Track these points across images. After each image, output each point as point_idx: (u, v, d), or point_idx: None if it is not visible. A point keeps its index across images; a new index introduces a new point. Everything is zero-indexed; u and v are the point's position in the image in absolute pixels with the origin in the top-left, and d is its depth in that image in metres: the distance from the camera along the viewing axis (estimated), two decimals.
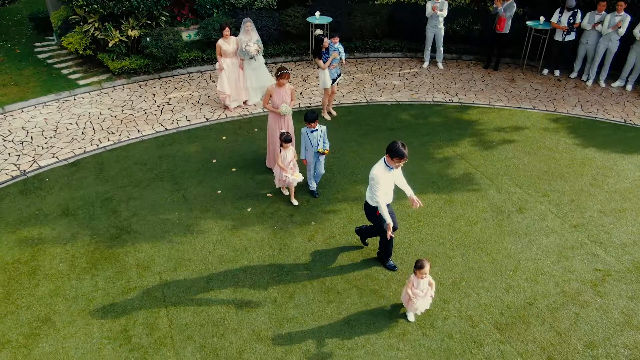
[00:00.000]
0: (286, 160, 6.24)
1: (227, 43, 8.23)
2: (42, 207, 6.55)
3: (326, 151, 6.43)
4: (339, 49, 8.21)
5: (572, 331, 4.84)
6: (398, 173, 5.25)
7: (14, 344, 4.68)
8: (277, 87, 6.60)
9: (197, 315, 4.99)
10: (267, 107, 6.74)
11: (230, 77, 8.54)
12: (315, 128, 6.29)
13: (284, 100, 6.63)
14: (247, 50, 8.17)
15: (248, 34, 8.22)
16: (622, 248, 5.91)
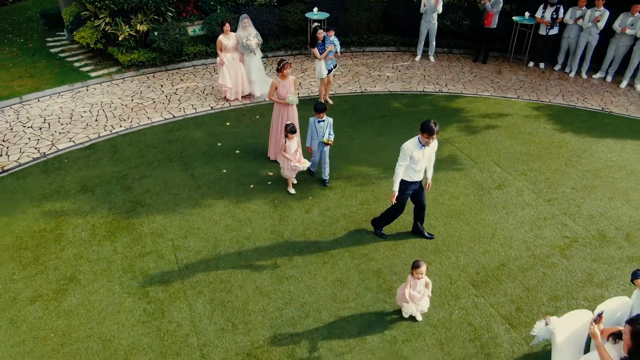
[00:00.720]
0: (291, 150, 6.60)
1: (227, 38, 8.78)
2: (63, 185, 7.16)
3: (330, 142, 6.75)
4: (334, 41, 8.81)
5: (539, 287, 5.46)
6: (429, 154, 5.59)
7: (45, 297, 5.30)
8: (282, 79, 6.98)
9: (206, 274, 5.61)
10: (273, 99, 7.10)
11: (231, 71, 9.02)
12: (322, 119, 6.66)
13: (289, 91, 7.00)
14: (248, 45, 8.70)
15: (246, 30, 8.71)
16: (589, 219, 6.54)
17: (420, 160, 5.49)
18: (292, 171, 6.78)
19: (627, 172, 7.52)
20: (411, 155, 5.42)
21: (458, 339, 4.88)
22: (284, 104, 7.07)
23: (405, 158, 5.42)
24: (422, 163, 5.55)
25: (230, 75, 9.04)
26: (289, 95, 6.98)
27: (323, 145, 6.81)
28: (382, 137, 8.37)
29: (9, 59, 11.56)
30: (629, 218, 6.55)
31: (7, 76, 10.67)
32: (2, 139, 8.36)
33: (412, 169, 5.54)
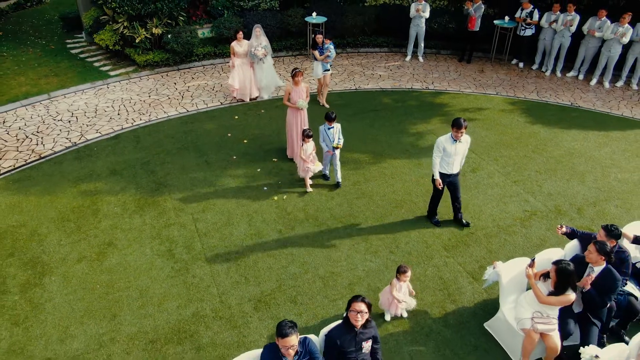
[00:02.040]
0: (307, 153, 7.34)
1: (239, 45, 9.76)
2: (94, 169, 8.25)
3: (339, 145, 7.36)
4: (330, 47, 9.80)
5: (500, 250, 6.55)
6: (463, 149, 6.30)
7: (89, 258, 6.39)
8: (294, 86, 7.74)
9: (222, 240, 6.69)
10: (287, 104, 7.84)
11: (240, 74, 9.93)
12: (331, 126, 7.30)
13: (301, 97, 7.76)
14: (255, 54, 9.68)
15: (258, 39, 9.65)
16: (548, 196, 7.62)
17: (453, 154, 6.27)
18: (306, 172, 7.50)
19: (585, 158, 8.61)
20: (444, 147, 6.27)
21: (430, 289, 5.96)
22: (295, 108, 7.86)
23: (438, 150, 6.29)
24: (456, 157, 6.31)
25: (239, 78, 9.95)
26: (300, 100, 7.72)
27: (334, 149, 7.42)
28: (372, 129, 9.45)
29: (34, 59, 12.65)
30: (582, 196, 7.64)
31: (35, 75, 11.75)
32: (37, 130, 9.44)
33: (445, 162, 6.37)
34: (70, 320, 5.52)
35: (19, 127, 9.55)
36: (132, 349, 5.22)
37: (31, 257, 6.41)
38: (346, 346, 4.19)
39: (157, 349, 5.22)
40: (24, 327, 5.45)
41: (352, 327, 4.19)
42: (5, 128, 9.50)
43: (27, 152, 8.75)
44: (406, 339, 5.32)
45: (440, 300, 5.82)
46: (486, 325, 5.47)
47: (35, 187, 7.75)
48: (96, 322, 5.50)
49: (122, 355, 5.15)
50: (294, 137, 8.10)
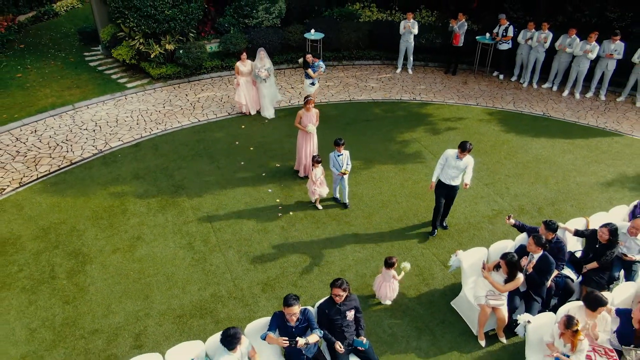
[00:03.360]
0: (316, 177, 8.08)
1: (243, 65, 10.89)
2: (120, 174, 9.44)
3: (346, 172, 7.99)
4: (320, 64, 10.91)
5: (469, 242, 7.72)
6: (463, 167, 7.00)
7: (122, 250, 7.58)
8: (305, 111, 8.49)
9: (234, 235, 7.89)
10: (298, 126, 8.66)
11: (245, 91, 11.00)
12: (341, 153, 7.90)
13: (311, 121, 8.55)
14: (259, 75, 10.77)
15: (262, 61, 10.76)
16: (514, 197, 8.82)
17: (453, 168, 7.06)
18: (314, 195, 8.26)
19: (550, 164, 9.81)
20: (447, 158, 7.09)
21: (408, 275, 7.13)
22: (306, 131, 8.72)
23: (442, 158, 7.13)
24: (455, 172, 7.10)
25: (244, 95, 11.06)
26: (309, 125, 8.54)
27: (342, 175, 8.10)
28: (364, 137, 10.65)
29: (57, 72, 13.83)
30: (544, 197, 8.84)
31: (58, 87, 12.94)
32: (65, 138, 10.62)
33: (447, 173, 7.18)
34: (111, 300, 6.72)
35: (50, 135, 10.73)
36: (163, 322, 6.42)
37: (73, 249, 7.60)
38: (333, 315, 5.38)
39: (184, 322, 6.41)
40: (73, 305, 6.65)
41: (335, 301, 5.37)
42: (38, 136, 10.68)
43: (59, 158, 9.93)
44: (386, 314, 6.53)
45: (416, 283, 7.02)
46: (452, 303, 6.67)
47: (71, 190, 8.94)
48: (132, 301, 6.70)
49: (156, 327, 6.35)
50: (302, 156, 8.96)
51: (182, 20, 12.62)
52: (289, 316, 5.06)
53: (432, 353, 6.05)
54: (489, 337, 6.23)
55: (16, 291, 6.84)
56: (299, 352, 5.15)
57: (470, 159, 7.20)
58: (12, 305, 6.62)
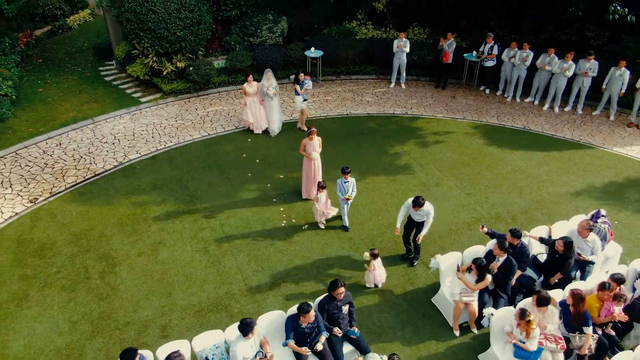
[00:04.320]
0: (321, 202, 8.95)
1: (250, 86, 11.83)
2: (140, 184, 10.51)
3: (350, 197, 8.68)
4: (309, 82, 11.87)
5: (449, 247, 8.80)
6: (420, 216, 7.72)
7: (146, 254, 8.66)
8: (309, 140, 9.30)
9: (243, 240, 8.97)
10: (303, 153, 9.42)
11: (252, 110, 11.94)
12: (347, 180, 8.65)
13: (315, 149, 9.31)
14: (267, 93, 11.79)
15: (269, 81, 11.73)
16: (492, 206, 9.91)
17: (414, 215, 7.87)
18: (322, 216, 9.14)
19: (526, 175, 10.90)
20: (408, 207, 7.80)
21: (395, 275, 8.24)
22: (308, 157, 9.46)
23: (404, 208, 7.85)
24: (420, 217, 7.84)
25: (251, 114, 12.02)
26: (313, 152, 9.30)
27: (346, 200, 8.83)
28: (359, 150, 11.73)
29: (75, 86, 14.90)
30: (518, 205, 9.93)
31: (78, 101, 14.01)
32: (88, 151, 11.70)
33: (413, 215, 7.92)
34: (139, 297, 7.81)
35: (73, 148, 11.81)
36: (185, 316, 7.51)
37: (103, 252, 8.69)
38: (332, 309, 6.47)
39: (203, 316, 7.50)
40: (107, 302, 7.73)
41: (334, 298, 6.45)
42: (62, 149, 11.76)
43: (84, 169, 11.01)
44: (375, 309, 7.62)
45: (402, 282, 8.11)
46: (432, 300, 7.76)
47: (97, 199, 10.03)
48: (157, 298, 7.79)
49: (179, 320, 7.44)
50: (306, 180, 9.74)
51: (192, 41, 13.69)
52: (305, 321, 6.10)
53: (414, 342, 7.14)
54: (462, 328, 7.32)
55: (57, 289, 7.93)
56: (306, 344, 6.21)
57: (430, 208, 7.79)
58: (54, 302, 7.71)
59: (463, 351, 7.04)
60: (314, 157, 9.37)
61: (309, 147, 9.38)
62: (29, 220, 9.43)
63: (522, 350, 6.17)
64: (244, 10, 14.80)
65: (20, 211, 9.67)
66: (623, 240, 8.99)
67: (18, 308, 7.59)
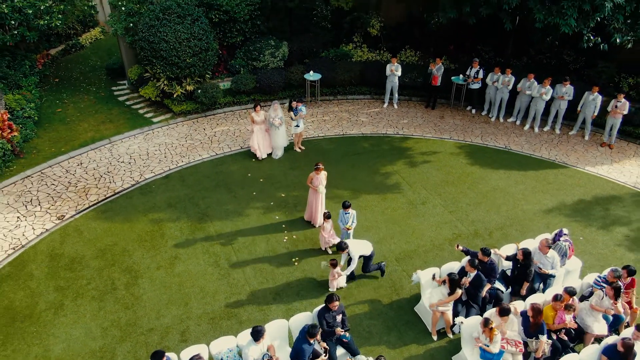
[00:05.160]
0: (326, 230, 9.88)
1: (257, 115, 12.81)
2: (155, 203, 11.68)
3: (350, 227, 9.59)
4: (302, 109, 13.08)
5: (432, 261, 9.96)
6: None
7: (164, 267, 9.83)
8: (315, 174, 10.18)
9: (250, 255, 10.13)
10: (309, 185, 10.32)
11: (258, 138, 12.98)
12: (347, 212, 9.54)
13: (321, 182, 10.20)
14: (273, 123, 12.81)
15: (275, 111, 12.76)
16: (471, 223, 11.08)
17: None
18: (327, 244, 10.04)
19: (504, 193, 12.07)
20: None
21: (383, 287, 9.41)
22: (316, 190, 10.33)
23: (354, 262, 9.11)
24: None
25: (257, 141, 13.05)
26: (320, 186, 10.21)
27: (347, 230, 9.76)
28: (353, 169, 12.90)
29: (91, 106, 16.05)
30: (495, 222, 11.11)
31: (94, 121, 15.18)
32: (107, 170, 12.86)
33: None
34: (160, 306, 8.98)
35: (93, 167, 12.97)
36: (200, 323, 8.68)
37: (126, 266, 9.86)
38: (327, 318, 7.64)
39: (216, 323, 8.67)
40: (132, 310, 8.90)
41: (329, 309, 7.61)
42: (84, 168, 12.92)
43: (105, 188, 12.17)
44: (365, 316, 8.79)
45: (389, 293, 9.29)
46: (415, 308, 8.93)
47: (118, 216, 11.19)
48: (176, 307, 8.96)
49: (195, 327, 8.61)
50: (309, 207, 10.72)
51: (200, 66, 14.86)
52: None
53: (398, 345, 8.32)
54: (440, 334, 8.50)
55: (88, 299, 9.11)
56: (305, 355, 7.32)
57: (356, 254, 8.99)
58: (86, 310, 8.89)
59: (440, 353, 8.22)
60: (320, 190, 10.29)
61: (315, 180, 10.28)
62: (58, 236, 10.60)
63: (486, 352, 7.35)
64: (247, 37, 15.97)
65: (50, 227, 10.83)
66: (586, 254, 10.18)
67: (55, 316, 8.77)
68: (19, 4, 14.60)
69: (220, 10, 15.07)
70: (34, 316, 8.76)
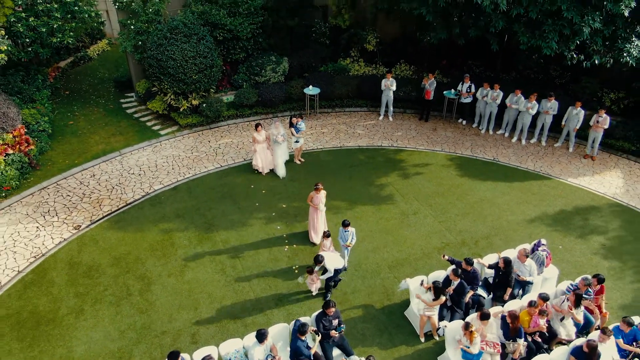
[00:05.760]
0: (327, 247, 10.46)
1: (259, 135, 13.51)
2: (165, 213, 12.51)
3: (350, 245, 10.27)
4: (302, 126, 13.89)
5: (421, 268, 10.80)
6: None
7: (174, 274, 10.66)
8: (316, 193, 10.87)
9: (254, 262, 10.97)
10: (310, 203, 11.00)
11: (261, 156, 13.72)
12: (347, 230, 10.19)
13: (321, 201, 10.89)
14: (276, 140, 13.57)
15: (277, 129, 13.51)
16: (459, 232, 11.92)
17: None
18: None
19: (490, 204, 12.91)
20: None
21: (376, 293, 10.24)
22: (316, 208, 11.04)
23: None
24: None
25: (260, 159, 13.80)
26: (320, 204, 10.92)
27: (347, 247, 10.46)
28: (350, 181, 13.75)
29: (101, 119, 16.89)
30: (481, 232, 11.95)
31: (105, 133, 16.01)
32: (118, 182, 13.69)
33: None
34: (172, 311, 9.81)
35: (105, 179, 13.80)
36: (209, 325, 9.51)
37: (140, 273, 10.69)
38: (325, 322, 8.47)
39: (223, 325, 9.51)
40: (147, 315, 9.74)
41: (326, 314, 8.45)
42: (96, 180, 13.76)
43: (117, 199, 13.00)
44: (359, 320, 9.63)
45: (381, 298, 10.13)
46: (405, 313, 9.77)
47: (130, 226, 12.02)
48: (187, 312, 9.79)
49: (205, 330, 9.44)
50: (311, 223, 11.36)
51: (205, 82, 15.69)
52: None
53: (389, 346, 9.16)
54: (427, 336, 9.34)
55: (106, 304, 9.94)
56: (303, 353, 8.18)
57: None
58: (105, 315, 9.72)
59: (426, 354, 9.06)
60: (321, 208, 11.05)
61: (315, 199, 11.00)
62: (76, 245, 11.44)
63: (467, 353, 8.18)
64: (250, 53, 16.81)
65: (68, 237, 11.67)
66: (564, 262, 11.03)
67: (77, 320, 9.61)
68: (33, 23, 15.46)
69: (224, 29, 15.90)
70: (56, 320, 9.60)
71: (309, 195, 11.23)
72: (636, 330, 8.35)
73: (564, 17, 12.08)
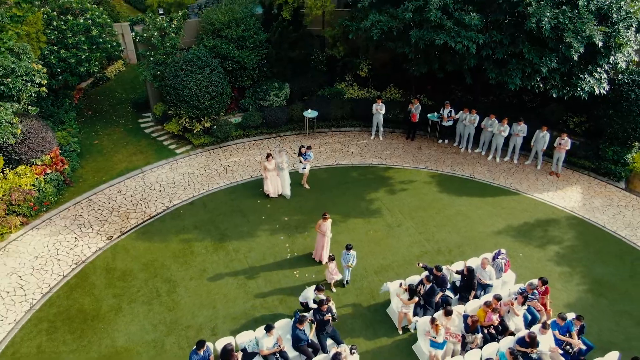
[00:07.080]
0: (331, 269, 11.87)
1: (269, 164, 15.30)
2: (184, 225, 14.56)
3: (351, 265, 11.87)
4: (310, 155, 15.94)
5: (403, 273, 12.82)
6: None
7: (196, 278, 12.71)
8: (323, 221, 12.41)
9: (262, 267, 13.00)
10: (317, 230, 12.52)
11: (272, 182, 15.48)
12: (349, 253, 11.73)
13: (327, 228, 12.48)
14: (282, 167, 15.51)
15: (281, 157, 15.41)
16: (436, 242, 13.98)
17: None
18: (331, 280, 12.14)
19: (464, 217, 14.97)
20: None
21: (364, 294, 12.30)
22: (323, 234, 12.57)
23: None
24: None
25: (271, 185, 15.58)
26: (327, 231, 12.40)
27: (348, 267, 12.14)
28: (344, 197, 15.80)
29: (122, 138, 18.92)
30: (454, 242, 14.00)
31: (127, 152, 18.05)
32: (142, 197, 15.74)
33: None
34: (194, 309, 11.87)
35: (130, 195, 15.84)
36: (226, 321, 11.57)
37: (166, 277, 12.74)
38: (319, 317, 10.52)
39: (237, 321, 11.56)
40: (173, 312, 11.79)
41: (321, 310, 10.49)
42: (123, 195, 15.80)
43: (142, 213, 15.05)
44: (349, 316, 11.69)
45: (367, 299, 12.20)
46: (387, 310, 11.83)
47: (155, 237, 14.07)
48: (207, 310, 11.85)
49: (222, 325, 11.49)
50: (317, 245, 12.97)
51: (216, 107, 17.75)
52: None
53: (373, 338, 11.22)
54: (404, 329, 11.40)
55: (139, 303, 11.99)
56: (302, 339, 10.25)
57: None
58: (140, 312, 11.78)
59: (403, 344, 11.12)
60: (328, 235, 12.65)
61: (323, 227, 12.60)
62: (110, 253, 13.49)
63: (434, 342, 10.25)
64: (255, 80, 18.87)
65: (102, 246, 13.72)
66: (523, 268, 13.10)
67: (117, 316, 11.66)
68: (64, 55, 17.49)
69: (233, 60, 17.96)
70: (100, 316, 11.65)
71: (317, 223, 12.88)
72: (569, 324, 10.41)
73: (526, 58, 14.13)
